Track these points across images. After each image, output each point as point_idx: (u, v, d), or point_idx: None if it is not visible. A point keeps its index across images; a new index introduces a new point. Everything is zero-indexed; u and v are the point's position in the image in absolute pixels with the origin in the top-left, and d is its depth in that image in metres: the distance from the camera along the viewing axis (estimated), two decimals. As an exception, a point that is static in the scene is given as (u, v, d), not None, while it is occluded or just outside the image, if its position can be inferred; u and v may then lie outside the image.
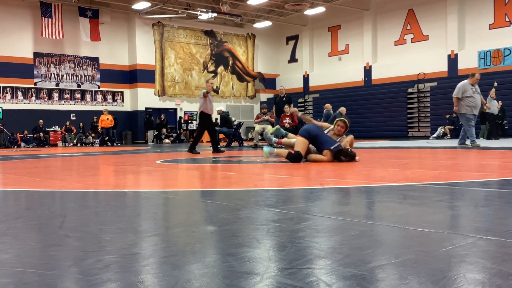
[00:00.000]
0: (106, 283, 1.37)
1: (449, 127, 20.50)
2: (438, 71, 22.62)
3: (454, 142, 14.46)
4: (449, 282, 1.30)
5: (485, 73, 20.93)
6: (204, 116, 10.68)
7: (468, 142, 10.69)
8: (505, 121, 19.01)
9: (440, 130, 20.62)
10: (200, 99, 10.66)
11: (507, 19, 20.57)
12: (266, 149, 7.06)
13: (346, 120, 6.90)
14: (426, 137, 21.12)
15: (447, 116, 20.77)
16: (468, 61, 21.70)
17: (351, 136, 7.19)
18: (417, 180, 3.98)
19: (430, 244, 1.76)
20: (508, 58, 20.43)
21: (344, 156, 6.29)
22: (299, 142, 6.57)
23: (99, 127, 22.20)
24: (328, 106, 17.97)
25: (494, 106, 16.66)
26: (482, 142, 14.14)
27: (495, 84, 17.12)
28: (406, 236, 1.92)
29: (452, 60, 22.32)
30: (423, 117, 22.98)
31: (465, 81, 10.70)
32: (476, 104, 10.54)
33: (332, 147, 6.38)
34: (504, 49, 20.50)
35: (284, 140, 7.04)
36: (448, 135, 20.29)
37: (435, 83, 22.47)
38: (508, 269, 1.40)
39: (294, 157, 6.41)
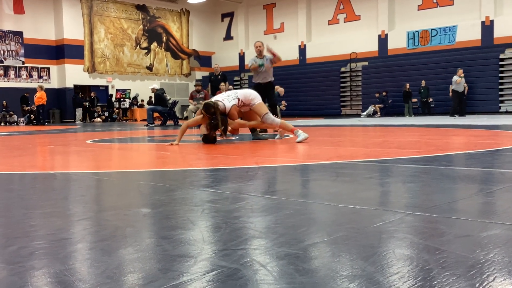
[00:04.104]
0: (30, 271, 1.29)
1: (379, 105, 21.22)
2: (369, 51, 23.24)
3: (384, 120, 14.99)
4: (379, 258, 1.33)
5: (413, 53, 21.77)
6: None
7: None
8: (430, 99, 19.91)
9: (370, 109, 21.29)
10: None
11: (434, 1, 21.39)
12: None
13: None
14: (358, 115, 21.77)
15: (377, 95, 21.47)
16: (397, 41, 22.44)
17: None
18: (349, 157, 4.09)
19: (361, 221, 1.80)
20: (435, 39, 21.31)
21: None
22: (262, 107, 6.43)
23: (34, 105, 20.86)
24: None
25: (461, 84, 17.15)
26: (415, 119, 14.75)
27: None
28: (338, 213, 1.96)
29: (383, 40, 22.99)
30: (355, 96, 23.61)
31: None
32: None
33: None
34: (432, 29, 21.35)
35: (282, 123, 6.44)
36: (378, 113, 21.01)
37: (366, 63, 23.10)
38: (434, 244, 1.46)
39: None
